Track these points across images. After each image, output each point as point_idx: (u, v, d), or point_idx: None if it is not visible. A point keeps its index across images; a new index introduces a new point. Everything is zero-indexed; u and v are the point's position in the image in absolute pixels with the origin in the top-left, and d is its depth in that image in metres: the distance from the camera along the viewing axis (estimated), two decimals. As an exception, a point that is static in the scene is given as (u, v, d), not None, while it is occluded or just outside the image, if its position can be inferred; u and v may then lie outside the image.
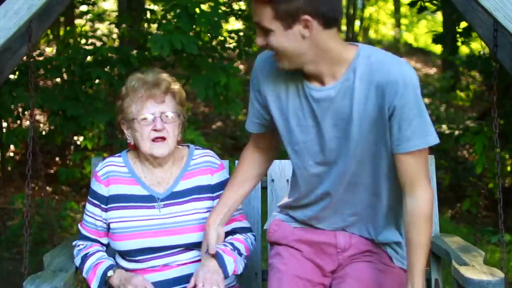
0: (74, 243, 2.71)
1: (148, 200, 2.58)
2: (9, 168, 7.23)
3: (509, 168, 7.26)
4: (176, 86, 2.62)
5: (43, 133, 6.56)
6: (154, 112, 2.54)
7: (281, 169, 3.01)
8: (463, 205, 6.78)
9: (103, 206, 2.62)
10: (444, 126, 8.44)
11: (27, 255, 3.37)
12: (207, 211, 2.58)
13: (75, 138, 7.47)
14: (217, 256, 2.48)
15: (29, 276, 2.45)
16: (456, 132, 7.77)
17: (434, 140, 2.15)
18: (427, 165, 2.20)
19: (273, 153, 2.57)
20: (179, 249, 2.56)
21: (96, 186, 2.64)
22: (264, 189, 3.02)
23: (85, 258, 2.60)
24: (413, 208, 2.18)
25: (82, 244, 2.66)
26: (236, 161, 2.85)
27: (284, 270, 2.38)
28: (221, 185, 2.61)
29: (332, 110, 2.17)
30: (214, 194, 2.62)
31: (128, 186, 2.61)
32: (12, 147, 7.08)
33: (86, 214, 2.67)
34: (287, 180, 2.99)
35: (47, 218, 5.90)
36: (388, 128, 2.14)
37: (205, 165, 2.65)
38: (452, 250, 2.66)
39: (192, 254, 2.57)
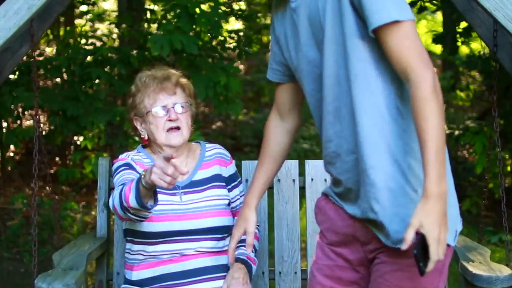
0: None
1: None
2: (9, 168, 7.23)
3: (509, 168, 7.27)
4: (184, 80, 2.72)
5: (43, 133, 6.56)
6: (167, 104, 2.63)
7: (287, 169, 3.00)
8: (463, 205, 6.78)
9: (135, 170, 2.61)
10: (444, 126, 8.42)
11: (36, 253, 3.39)
12: (225, 198, 2.70)
13: (75, 138, 7.47)
14: (246, 265, 2.61)
15: (40, 274, 2.44)
16: (456, 132, 7.76)
17: (408, 14, 1.92)
18: (416, 46, 1.94)
19: (296, 117, 2.41)
20: (198, 236, 2.60)
21: (122, 161, 2.63)
22: (270, 189, 3.01)
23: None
24: (410, 95, 1.92)
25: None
26: (235, 161, 2.88)
27: (315, 273, 2.30)
28: (233, 178, 2.75)
29: (307, 16, 2.09)
30: (229, 186, 2.74)
31: None
32: (12, 147, 7.08)
33: (121, 179, 2.56)
34: (293, 180, 3.01)
35: (47, 218, 5.92)
36: (361, 19, 1.96)
37: (218, 156, 2.77)
38: (458, 249, 2.68)
39: (210, 244, 2.62)
